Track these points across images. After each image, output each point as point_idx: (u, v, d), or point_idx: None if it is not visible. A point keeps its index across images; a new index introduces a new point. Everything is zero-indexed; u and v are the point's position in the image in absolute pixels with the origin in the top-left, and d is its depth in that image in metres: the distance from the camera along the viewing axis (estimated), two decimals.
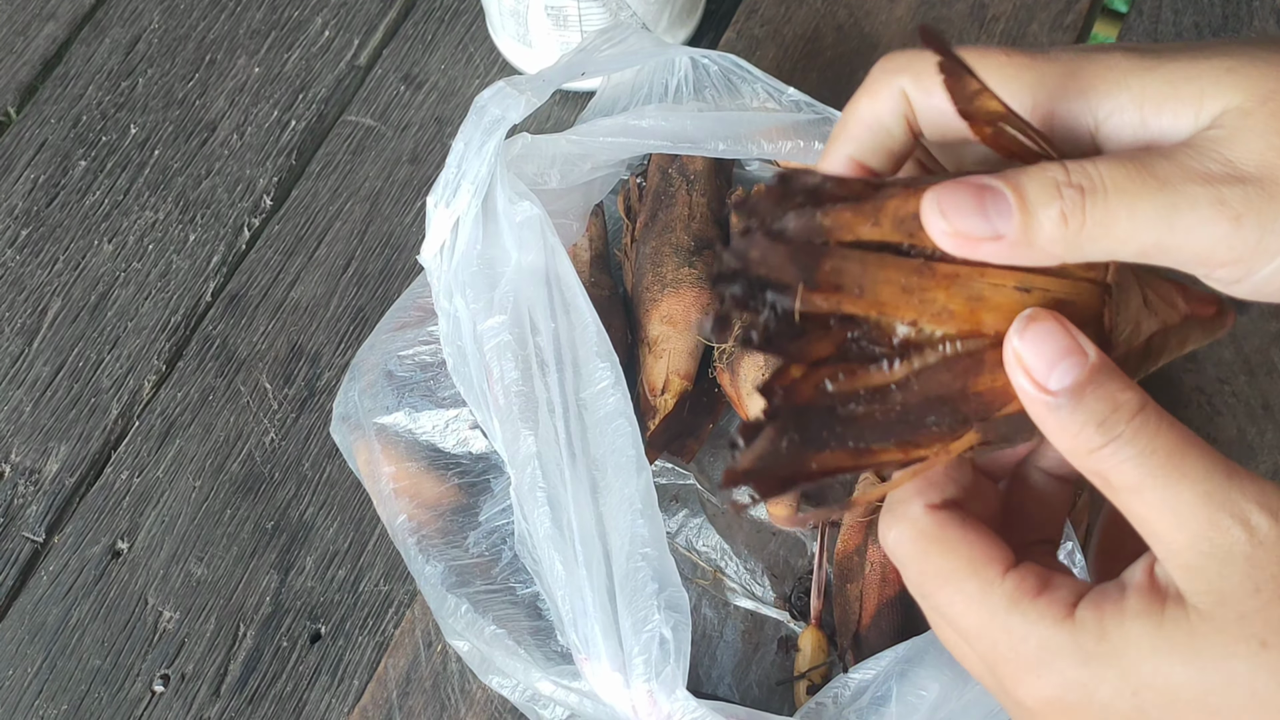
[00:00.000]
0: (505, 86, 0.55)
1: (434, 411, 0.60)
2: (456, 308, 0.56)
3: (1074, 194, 0.31)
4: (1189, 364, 0.66)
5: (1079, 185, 0.31)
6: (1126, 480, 0.32)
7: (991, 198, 0.31)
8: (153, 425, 0.66)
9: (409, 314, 0.61)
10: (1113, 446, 0.32)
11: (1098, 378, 0.32)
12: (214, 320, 0.70)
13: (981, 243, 0.31)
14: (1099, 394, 0.32)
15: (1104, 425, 0.32)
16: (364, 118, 0.76)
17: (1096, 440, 0.32)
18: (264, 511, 0.64)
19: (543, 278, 0.54)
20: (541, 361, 0.53)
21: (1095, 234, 0.31)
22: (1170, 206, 0.31)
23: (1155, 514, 0.32)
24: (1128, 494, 0.32)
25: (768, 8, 0.79)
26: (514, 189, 0.55)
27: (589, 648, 0.50)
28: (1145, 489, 0.32)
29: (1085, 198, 0.31)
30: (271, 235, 0.72)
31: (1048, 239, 0.31)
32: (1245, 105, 0.32)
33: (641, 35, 0.61)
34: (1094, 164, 0.31)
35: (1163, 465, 0.32)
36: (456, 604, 0.54)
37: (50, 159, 0.75)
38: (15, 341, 0.69)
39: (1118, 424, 0.32)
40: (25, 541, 0.64)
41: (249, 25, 0.80)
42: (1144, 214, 0.31)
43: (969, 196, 0.31)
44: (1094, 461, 0.32)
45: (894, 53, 0.36)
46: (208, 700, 0.59)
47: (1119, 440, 0.32)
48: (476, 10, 0.80)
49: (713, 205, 0.65)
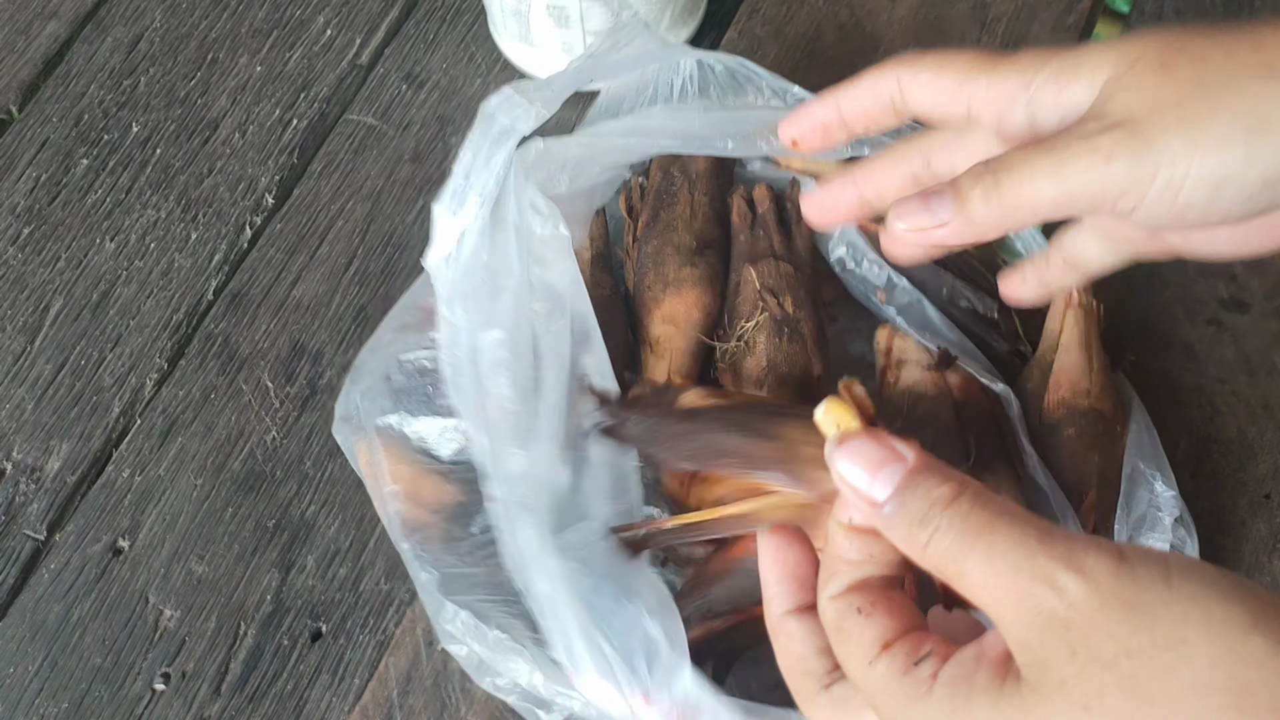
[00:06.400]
0: (513, 94, 0.55)
1: (430, 419, 0.59)
2: (457, 317, 0.56)
3: (989, 175, 0.39)
4: (1190, 364, 0.66)
5: (993, 169, 0.39)
6: (953, 569, 0.33)
7: (935, 197, 0.40)
8: (154, 423, 0.66)
9: (410, 315, 0.61)
10: (934, 539, 0.33)
11: (914, 479, 0.34)
12: (216, 319, 0.70)
13: (932, 231, 0.40)
14: (915, 493, 0.34)
15: (924, 521, 0.33)
16: (366, 116, 0.76)
17: (921, 537, 0.33)
18: (265, 510, 0.64)
19: (560, 303, 0.55)
20: (539, 384, 0.54)
21: (1011, 201, 0.39)
22: (1058, 164, 0.38)
23: (981, 594, 0.32)
24: (960, 582, 0.33)
25: (769, 7, 0.79)
26: (536, 205, 0.56)
27: (576, 664, 0.50)
28: (968, 573, 0.32)
29: (998, 175, 0.39)
30: (273, 234, 0.72)
31: (979, 215, 0.39)
32: (1118, 71, 0.40)
33: (647, 37, 0.61)
34: (1006, 152, 0.40)
35: (976, 547, 0.32)
36: (455, 611, 0.54)
37: (52, 157, 0.75)
38: (17, 339, 0.69)
39: (933, 517, 0.33)
40: (27, 539, 0.64)
41: (251, 24, 0.80)
42: (1041, 175, 0.38)
43: (917, 200, 0.40)
44: (927, 559, 0.33)
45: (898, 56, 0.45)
46: (208, 699, 0.59)
47: (939, 533, 0.33)
48: (478, 9, 0.80)
49: (714, 205, 0.65)
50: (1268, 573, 0.61)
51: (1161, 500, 0.56)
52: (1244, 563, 0.61)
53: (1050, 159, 0.38)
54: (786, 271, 0.62)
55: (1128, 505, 0.56)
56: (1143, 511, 0.57)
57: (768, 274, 0.61)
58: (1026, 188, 0.39)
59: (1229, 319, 0.67)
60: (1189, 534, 0.57)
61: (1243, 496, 0.62)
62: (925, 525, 0.33)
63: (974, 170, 0.40)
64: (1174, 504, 0.56)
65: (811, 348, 0.60)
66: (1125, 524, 0.55)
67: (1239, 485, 0.63)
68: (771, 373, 0.59)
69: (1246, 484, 0.63)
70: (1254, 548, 0.61)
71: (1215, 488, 0.63)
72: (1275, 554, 0.61)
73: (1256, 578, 0.61)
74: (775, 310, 0.60)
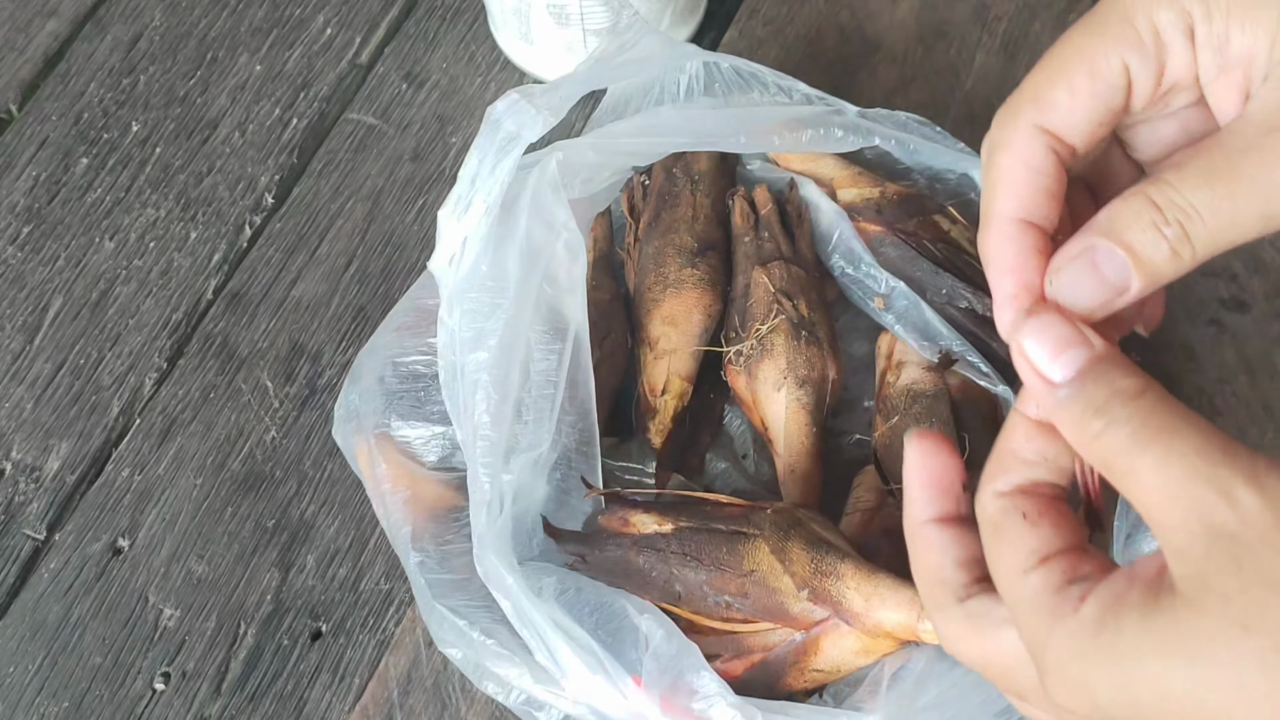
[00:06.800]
0: (520, 100, 0.55)
1: (420, 425, 0.59)
2: (455, 323, 0.56)
3: (1176, 231, 0.33)
4: (1190, 364, 0.66)
5: (1176, 221, 0.33)
6: (1124, 464, 0.31)
7: (1104, 259, 0.34)
8: (154, 423, 0.66)
9: (409, 316, 0.61)
10: (1109, 430, 0.32)
11: (1099, 366, 0.33)
12: (215, 318, 0.70)
13: (1113, 301, 0.34)
14: (1099, 381, 0.32)
15: (1101, 410, 0.32)
16: (366, 116, 0.76)
17: (1095, 426, 0.32)
18: (265, 510, 0.64)
19: (561, 328, 0.55)
20: (520, 408, 0.54)
21: (1208, 252, 0.34)
22: (1265, 199, 0.33)
23: (1149, 496, 0.31)
24: (1127, 479, 0.32)
25: (770, 7, 0.79)
26: (568, 227, 0.56)
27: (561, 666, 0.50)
28: (1140, 470, 0.31)
29: (1187, 228, 0.33)
30: (273, 233, 0.72)
31: (1166, 273, 0.34)
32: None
33: (653, 37, 0.61)
34: (1177, 190, 0.33)
35: (1154, 445, 0.31)
36: (444, 615, 0.54)
37: (52, 156, 0.75)
38: (16, 339, 0.69)
39: (1114, 408, 0.32)
40: (26, 539, 0.64)
41: (251, 23, 0.80)
42: (1245, 217, 0.33)
43: (1084, 269, 0.34)
44: (1096, 449, 0.32)
45: (1001, 109, 0.37)
46: (208, 698, 0.59)
47: (1115, 424, 0.32)
48: (478, 8, 0.80)
49: (717, 206, 0.65)
50: None
51: None
52: None
53: (1256, 195, 0.33)
54: (797, 274, 0.62)
55: (1128, 503, 0.56)
56: None
57: (779, 277, 0.61)
58: (1228, 235, 0.34)
59: (1229, 319, 0.67)
60: None
61: None
62: (1102, 414, 0.32)
63: (1147, 220, 0.34)
64: None
65: (828, 350, 0.60)
66: (1125, 522, 0.55)
67: None
68: (790, 375, 0.59)
69: None
70: None
71: None
72: None
73: None
74: (792, 313, 0.60)
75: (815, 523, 0.53)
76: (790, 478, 0.58)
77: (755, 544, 0.52)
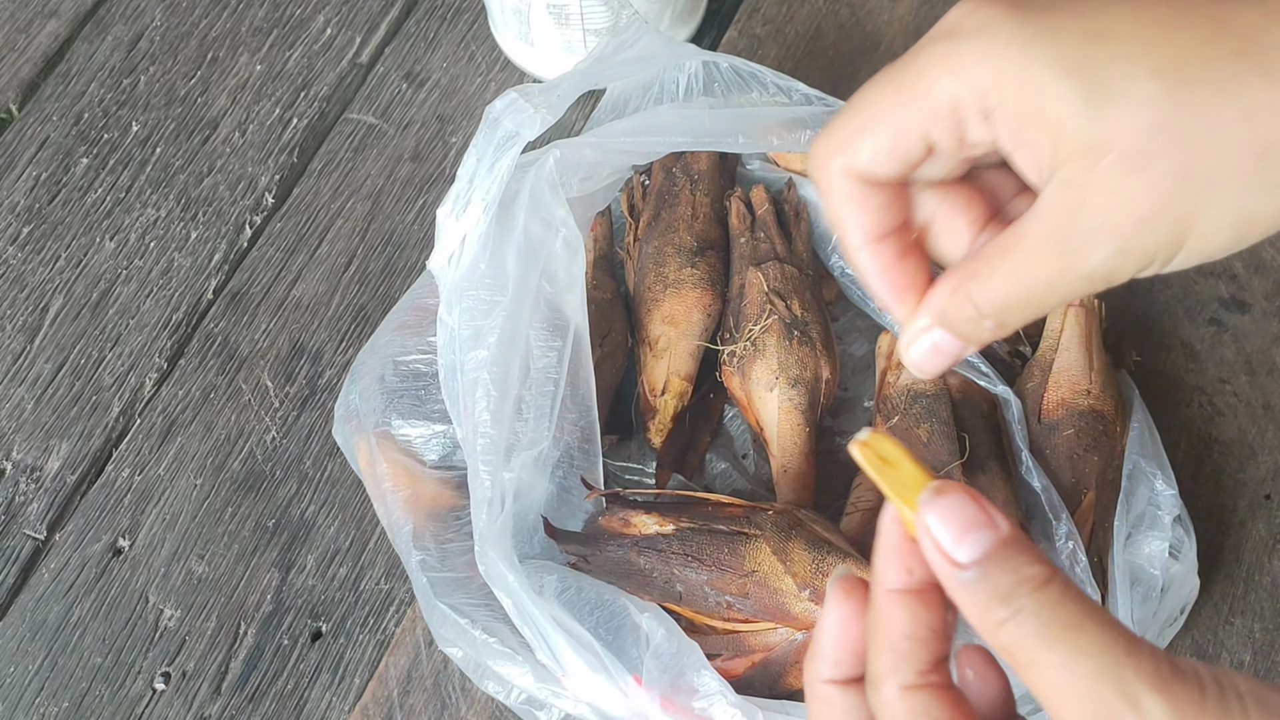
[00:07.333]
0: (518, 99, 0.55)
1: (420, 424, 0.59)
2: (455, 322, 0.56)
3: (993, 322, 0.37)
4: (1190, 364, 0.66)
5: (993, 315, 0.37)
6: (1028, 657, 0.31)
7: (943, 342, 0.38)
8: (154, 423, 0.66)
9: (409, 315, 0.61)
10: (1015, 620, 0.32)
11: (1004, 551, 0.33)
12: (215, 318, 0.70)
13: (953, 363, 0.39)
14: (1003, 567, 0.32)
15: (1007, 599, 0.32)
16: (366, 116, 0.76)
17: (1001, 614, 0.32)
18: (265, 510, 0.64)
19: (561, 326, 0.55)
20: (520, 405, 0.54)
21: (1018, 321, 0.37)
22: (1065, 289, 0.36)
23: (1054, 693, 0.31)
24: (1031, 672, 0.32)
25: (769, 6, 0.79)
26: (566, 224, 0.56)
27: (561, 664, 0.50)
28: (1045, 665, 0.31)
29: (1002, 319, 0.37)
30: (273, 233, 0.72)
31: (992, 339, 0.38)
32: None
33: (652, 37, 0.61)
34: (989, 288, 0.37)
35: (1061, 642, 0.31)
36: (445, 614, 0.54)
37: (52, 156, 0.75)
38: (17, 339, 0.69)
39: (1020, 597, 0.32)
40: (27, 539, 0.64)
41: (251, 23, 0.80)
42: (1051, 300, 0.37)
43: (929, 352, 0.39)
44: (1000, 636, 0.32)
45: (813, 149, 0.39)
46: (208, 698, 0.59)
47: (1021, 614, 0.32)
48: (478, 8, 0.80)
49: (716, 206, 0.65)
50: (1268, 573, 0.61)
51: (1161, 498, 0.56)
52: (1244, 563, 0.61)
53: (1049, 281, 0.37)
54: (791, 274, 0.61)
55: (1128, 502, 0.56)
56: (1142, 509, 0.57)
57: (773, 277, 0.61)
58: (1041, 311, 0.37)
59: (1230, 319, 0.67)
60: (1187, 533, 0.57)
61: (1243, 497, 0.62)
62: (1008, 603, 0.32)
63: (967, 312, 0.38)
64: (1173, 502, 0.56)
65: (821, 350, 0.60)
66: (1125, 521, 0.55)
67: (1239, 485, 0.63)
68: (783, 375, 0.59)
69: (1246, 484, 0.63)
70: (1254, 548, 0.61)
71: (1215, 488, 0.63)
72: (1275, 554, 0.61)
73: (1256, 577, 0.61)
74: (784, 313, 0.60)
75: (816, 523, 0.53)
76: (784, 478, 0.58)
77: (757, 544, 0.53)
